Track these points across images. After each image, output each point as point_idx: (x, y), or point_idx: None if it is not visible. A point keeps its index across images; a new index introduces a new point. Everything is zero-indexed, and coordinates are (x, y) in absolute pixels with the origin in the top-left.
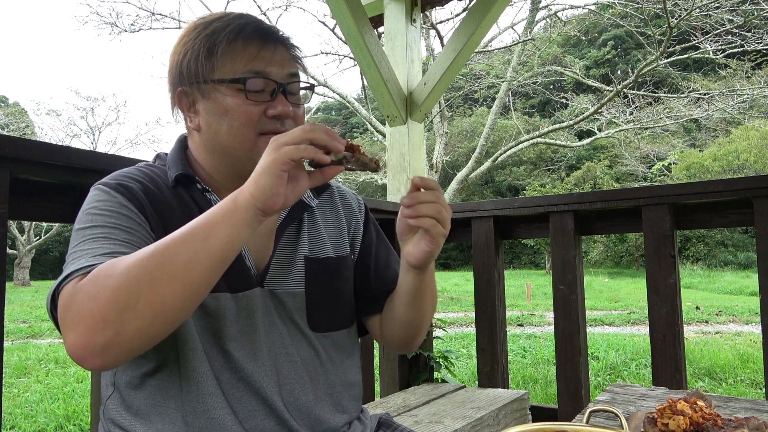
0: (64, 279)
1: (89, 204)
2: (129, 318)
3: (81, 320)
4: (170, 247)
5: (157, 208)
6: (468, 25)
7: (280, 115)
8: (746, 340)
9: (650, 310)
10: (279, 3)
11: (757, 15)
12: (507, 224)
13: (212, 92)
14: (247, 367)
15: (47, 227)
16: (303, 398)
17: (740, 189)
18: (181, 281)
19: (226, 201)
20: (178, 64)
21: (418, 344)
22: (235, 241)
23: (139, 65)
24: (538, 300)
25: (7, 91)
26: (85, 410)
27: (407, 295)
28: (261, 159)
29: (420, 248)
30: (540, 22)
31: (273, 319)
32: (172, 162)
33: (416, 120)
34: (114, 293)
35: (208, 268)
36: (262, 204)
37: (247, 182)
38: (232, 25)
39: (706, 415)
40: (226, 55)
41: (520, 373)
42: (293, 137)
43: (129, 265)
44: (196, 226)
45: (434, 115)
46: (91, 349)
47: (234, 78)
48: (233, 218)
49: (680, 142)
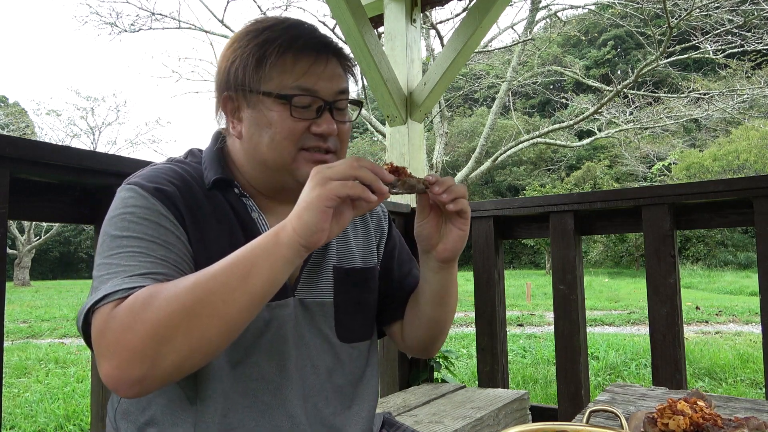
0: (100, 300)
1: (126, 207)
2: (166, 352)
3: (117, 352)
4: (209, 282)
5: (193, 216)
6: (468, 25)
7: (324, 133)
8: (746, 340)
9: (650, 310)
10: (279, 3)
11: (757, 15)
12: (507, 224)
13: (258, 103)
14: (274, 380)
15: (47, 227)
16: (325, 411)
17: (740, 189)
18: (219, 317)
19: (269, 236)
20: (226, 69)
21: (440, 346)
22: (275, 279)
23: (139, 65)
24: (538, 300)
25: (7, 91)
26: (85, 410)
27: (436, 294)
28: (304, 192)
29: (454, 235)
30: (540, 22)
31: (301, 330)
32: (210, 163)
33: (416, 120)
34: (153, 326)
35: (248, 305)
36: (305, 241)
37: (291, 217)
38: (284, 36)
39: (706, 415)
40: (275, 68)
41: (520, 373)
42: (340, 173)
43: (168, 298)
44: (236, 262)
45: (434, 115)
46: (126, 381)
47: (280, 94)
48: (275, 255)
49: (680, 142)
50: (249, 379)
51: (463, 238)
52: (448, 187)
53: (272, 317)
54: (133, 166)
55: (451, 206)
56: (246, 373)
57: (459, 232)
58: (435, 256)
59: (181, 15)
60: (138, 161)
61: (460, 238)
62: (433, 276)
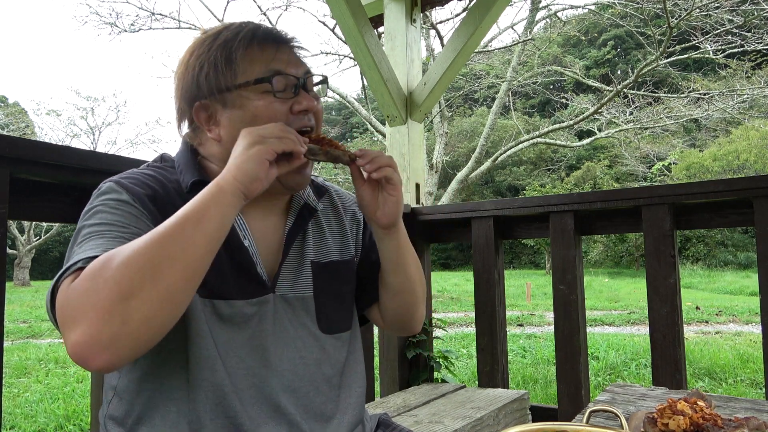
0: (62, 275)
1: (98, 200)
2: (135, 306)
3: (83, 315)
4: (166, 235)
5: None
6: (468, 25)
7: (307, 109)
8: (746, 340)
9: (650, 310)
10: (279, 3)
11: (757, 15)
12: (507, 224)
13: (237, 99)
14: (260, 372)
15: (47, 227)
16: (316, 400)
17: (740, 189)
18: (181, 263)
19: (210, 187)
20: (194, 78)
21: (419, 318)
22: (226, 221)
23: (139, 65)
24: (538, 300)
25: (7, 91)
26: (85, 410)
27: (392, 261)
28: (240, 147)
29: (389, 202)
30: (540, 22)
31: (283, 324)
32: (185, 167)
33: (416, 120)
34: (116, 283)
35: (205, 248)
36: (245, 188)
37: (229, 168)
38: (243, 31)
39: (706, 415)
40: (245, 59)
41: (520, 373)
42: (273, 133)
43: (127, 255)
44: (187, 214)
45: (434, 115)
46: (96, 345)
47: (259, 78)
48: (221, 201)
49: (680, 142)
50: (236, 374)
51: (397, 204)
52: (371, 158)
53: (253, 313)
54: (133, 166)
55: (375, 174)
56: (232, 366)
57: (391, 198)
58: (376, 222)
59: (181, 15)
60: (138, 161)
61: (393, 203)
62: (384, 245)
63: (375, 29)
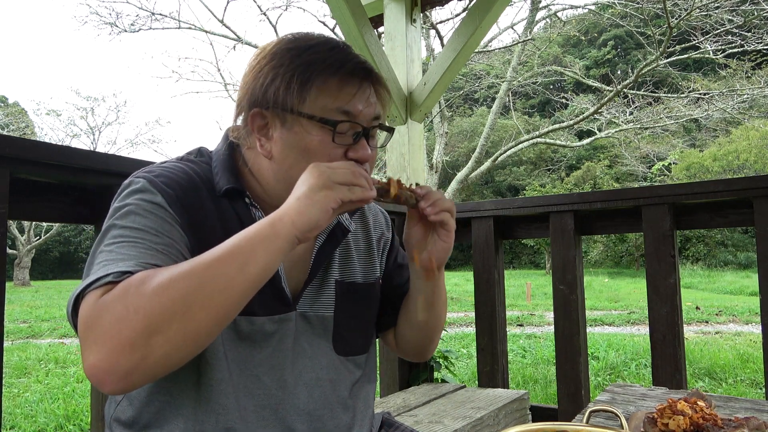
0: (90, 284)
1: (132, 199)
2: (158, 342)
3: (105, 342)
4: (207, 270)
5: (196, 219)
6: (468, 25)
7: (360, 159)
8: (746, 340)
9: (650, 310)
10: (279, 3)
11: (757, 15)
12: (507, 224)
13: (295, 124)
14: (276, 393)
15: (47, 227)
16: (330, 424)
17: (740, 189)
18: (215, 306)
19: (264, 226)
20: (262, 85)
21: (434, 349)
22: (271, 267)
23: (139, 65)
24: (538, 300)
25: (7, 91)
26: (85, 410)
27: (425, 300)
28: (305, 188)
29: (440, 247)
30: (540, 22)
31: (301, 343)
32: (222, 170)
33: (416, 120)
34: (146, 316)
35: (243, 293)
36: (302, 234)
37: (288, 210)
38: (331, 59)
39: (706, 415)
40: (320, 90)
41: (520, 373)
42: (344, 178)
43: (162, 285)
44: (233, 251)
45: (434, 115)
46: (113, 374)
47: (324, 118)
48: (272, 246)
49: (680, 142)
50: (250, 395)
51: (447, 250)
52: (434, 201)
53: (275, 330)
54: (133, 166)
55: (434, 217)
56: (247, 386)
57: (443, 244)
58: (421, 263)
59: (181, 15)
60: (138, 161)
61: (443, 249)
62: (421, 282)
63: (375, 29)
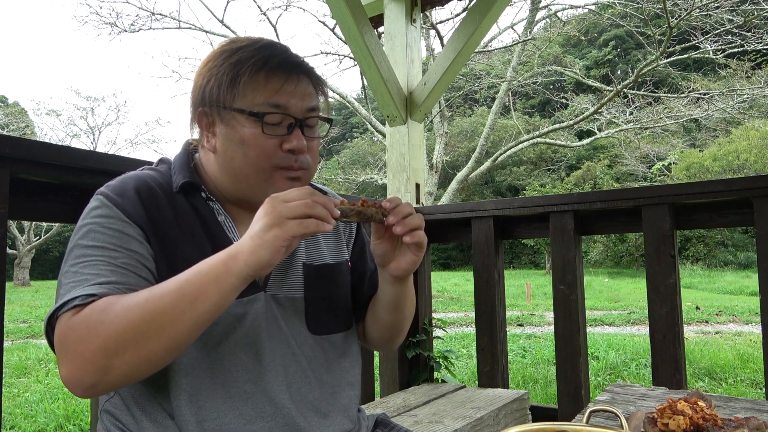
0: (61, 306)
1: (91, 218)
2: (116, 364)
3: (72, 358)
4: (159, 302)
5: (155, 222)
6: (468, 25)
7: (295, 149)
8: (746, 340)
9: (650, 310)
10: (279, 3)
11: (757, 15)
12: (507, 224)
13: (231, 120)
14: (254, 368)
15: (47, 227)
16: (310, 396)
17: (740, 189)
18: (166, 336)
19: (218, 263)
20: (201, 86)
21: (400, 341)
22: (222, 304)
23: (139, 65)
24: (538, 300)
25: (7, 91)
26: (85, 410)
27: (391, 304)
28: (259, 227)
29: (407, 260)
30: (540, 22)
31: (278, 322)
32: (179, 168)
33: (416, 120)
34: (104, 341)
35: (194, 326)
36: (254, 273)
37: (242, 248)
38: (257, 56)
39: (706, 415)
40: (247, 86)
41: (520, 373)
42: (296, 211)
43: (119, 314)
44: (185, 286)
45: (434, 115)
46: (80, 385)
47: (252, 111)
48: (224, 283)
49: (680, 142)
50: (226, 370)
51: (416, 263)
52: (403, 218)
53: (245, 311)
54: (133, 166)
55: (407, 239)
56: (222, 364)
57: (413, 257)
58: (388, 271)
59: (181, 15)
60: (138, 161)
61: (413, 262)
62: (389, 287)
63: (375, 29)
